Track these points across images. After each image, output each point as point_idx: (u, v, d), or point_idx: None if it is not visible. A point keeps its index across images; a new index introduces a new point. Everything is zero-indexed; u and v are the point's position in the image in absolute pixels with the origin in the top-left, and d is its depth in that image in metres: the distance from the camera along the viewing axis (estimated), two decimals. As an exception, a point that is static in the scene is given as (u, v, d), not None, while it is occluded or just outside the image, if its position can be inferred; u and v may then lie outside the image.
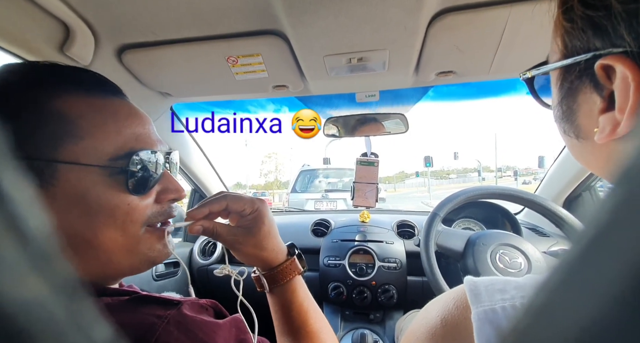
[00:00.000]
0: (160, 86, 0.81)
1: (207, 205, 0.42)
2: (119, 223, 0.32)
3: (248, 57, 0.70)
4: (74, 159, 0.30)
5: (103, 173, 0.31)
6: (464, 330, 0.26)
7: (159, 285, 1.06)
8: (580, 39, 0.22)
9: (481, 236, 0.85)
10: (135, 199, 0.33)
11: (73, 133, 0.30)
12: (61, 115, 0.30)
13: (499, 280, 0.27)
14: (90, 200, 0.30)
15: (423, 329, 0.30)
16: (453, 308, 0.28)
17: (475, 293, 0.26)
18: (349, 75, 0.77)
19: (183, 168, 1.15)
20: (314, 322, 0.45)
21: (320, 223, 1.27)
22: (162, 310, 0.30)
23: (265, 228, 0.43)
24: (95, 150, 0.31)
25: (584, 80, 0.22)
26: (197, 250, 1.26)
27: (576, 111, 0.24)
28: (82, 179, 0.30)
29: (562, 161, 1.04)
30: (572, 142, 0.26)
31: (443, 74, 0.78)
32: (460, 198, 0.88)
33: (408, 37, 0.63)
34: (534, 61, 0.77)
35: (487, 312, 0.25)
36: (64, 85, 0.32)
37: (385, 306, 1.06)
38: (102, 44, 0.63)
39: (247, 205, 0.43)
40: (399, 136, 1.09)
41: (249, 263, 0.45)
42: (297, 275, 0.46)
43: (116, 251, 0.32)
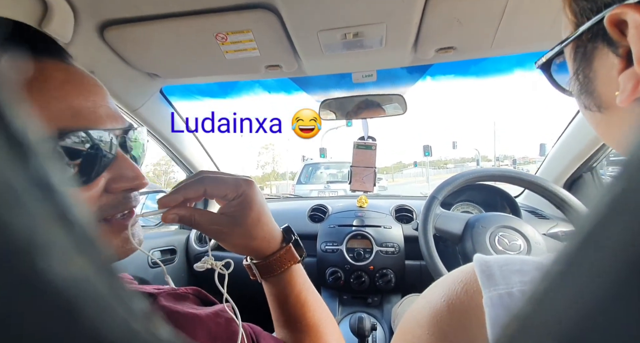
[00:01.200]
0: (147, 66, 0.77)
1: (181, 190, 0.35)
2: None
3: (238, 34, 0.67)
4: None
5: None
6: (473, 317, 0.23)
7: (156, 272, 1.06)
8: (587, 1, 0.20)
9: (480, 219, 0.84)
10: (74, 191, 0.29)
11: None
12: None
13: (515, 259, 0.24)
14: None
15: (426, 314, 0.27)
16: (461, 292, 0.25)
17: (487, 275, 0.23)
18: (344, 52, 0.74)
19: (175, 154, 1.12)
20: (312, 314, 0.41)
21: (317, 208, 1.26)
22: None
23: (254, 215, 0.37)
24: None
25: (598, 43, 0.21)
26: (193, 237, 1.25)
27: (593, 79, 0.22)
28: None
29: (563, 143, 1.01)
30: (594, 117, 0.24)
31: (443, 50, 0.75)
32: (459, 180, 0.86)
33: (406, 9, 0.59)
34: (538, 34, 0.73)
35: (503, 296, 0.22)
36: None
37: (383, 290, 1.06)
38: (82, 19, 0.60)
39: (230, 189, 0.36)
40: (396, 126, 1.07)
41: (239, 253, 0.40)
42: (294, 264, 0.41)
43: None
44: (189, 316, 0.28)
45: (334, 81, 1.04)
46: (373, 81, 0.91)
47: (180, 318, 0.27)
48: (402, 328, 0.30)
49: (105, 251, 0.08)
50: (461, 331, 0.24)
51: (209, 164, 1.27)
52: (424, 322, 0.27)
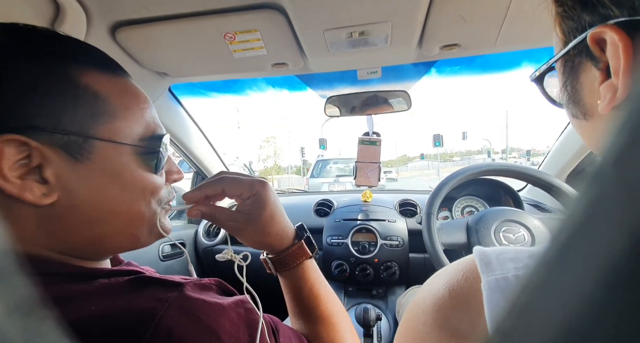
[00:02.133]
0: (157, 66, 0.79)
1: (203, 188, 0.40)
2: (147, 199, 0.34)
3: (245, 33, 0.68)
4: (110, 137, 0.31)
5: (135, 152, 0.33)
6: (473, 301, 0.25)
7: (166, 265, 1.09)
8: (573, 19, 0.23)
9: (480, 220, 0.84)
10: (157, 178, 0.35)
11: (107, 111, 0.31)
12: (94, 93, 0.30)
13: (510, 249, 0.27)
14: (125, 177, 0.32)
15: (429, 301, 0.29)
16: (462, 279, 0.27)
17: (485, 262, 0.26)
18: (350, 50, 0.75)
19: (185, 151, 1.14)
20: (325, 306, 0.43)
21: (322, 203, 1.28)
22: (163, 292, 0.28)
23: (267, 213, 0.40)
24: (128, 130, 0.32)
25: (583, 59, 0.23)
26: (201, 232, 1.28)
27: (580, 90, 0.25)
28: (118, 157, 0.31)
29: (565, 137, 1.02)
30: (581, 124, 0.26)
31: (447, 47, 0.75)
32: (447, 186, 0.86)
33: (411, 8, 0.60)
34: (542, 33, 0.74)
35: (499, 280, 0.24)
36: (83, 60, 0.31)
37: (387, 282, 1.09)
38: (95, 21, 0.61)
39: (245, 189, 0.40)
40: (401, 118, 1.08)
41: (254, 248, 0.43)
42: (306, 259, 0.44)
43: (141, 226, 0.34)
44: (213, 305, 0.29)
45: (338, 77, 1.05)
46: (378, 77, 0.92)
47: (205, 307, 0.29)
48: (408, 315, 0.32)
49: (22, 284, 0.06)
50: (462, 315, 0.26)
51: (216, 161, 1.29)
52: (428, 308, 0.29)
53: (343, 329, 0.44)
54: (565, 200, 0.81)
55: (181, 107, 1.06)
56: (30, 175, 0.27)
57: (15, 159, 0.26)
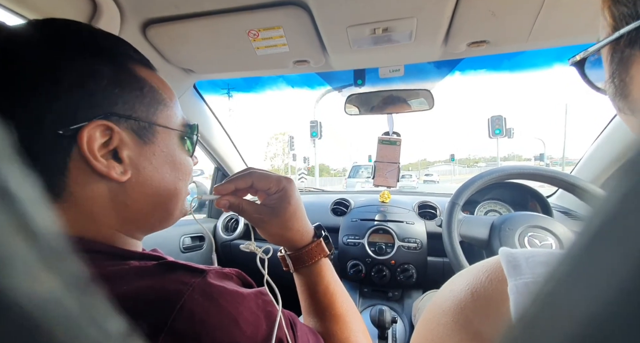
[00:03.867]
0: (183, 62, 0.82)
1: (234, 181, 0.43)
2: (187, 179, 0.39)
3: (269, 31, 0.69)
4: (166, 123, 0.36)
5: (180, 137, 0.38)
6: (496, 304, 0.24)
7: (186, 256, 1.12)
8: (627, 5, 0.20)
9: (506, 221, 0.82)
10: (191, 161, 0.40)
11: (161, 101, 0.36)
12: (150, 84, 0.35)
13: (541, 252, 0.25)
14: (176, 158, 0.37)
15: (450, 303, 0.28)
16: (486, 281, 0.26)
17: (514, 265, 0.24)
18: (372, 47, 0.74)
19: (207, 147, 1.18)
20: (340, 305, 0.44)
21: (340, 202, 1.27)
22: (188, 277, 0.29)
23: (291, 209, 0.43)
24: (174, 118, 0.37)
25: (635, 50, 0.21)
26: (220, 226, 1.31)
27: (629, 83, 0.22)
28: (171, 140, 0.36)
29: (602, 141, 0.96)
30: (629, 120, 0.24)
31: (475, 44, 0.72)
32: (477, 183, 0.84)
33: (438, 2, 0.59)
34: (578, 27, 0.70)
35: (529, 284, 0.22)
36: (135, 57, 0.35)
37: (404, 285, 1.07)
38: (128, 18, 0.64)
39: (273, 184, 0.43)
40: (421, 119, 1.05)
41: (274, 243, 0.45)
42: (323, 257, 0.45)
43: (179, 202, 0.38)
44: (234, 293, 0.30)
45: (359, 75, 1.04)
46: (400, 75, 0.90)
47: (226, 294, 0.30)
48: (427, 316, 0.31)
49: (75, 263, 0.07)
50: (485, 318, 0.25)
51: (237, 158, 1.32)
52: (448, 309, 0.28)
53: (356, 328, 0.44)
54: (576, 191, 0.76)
55: (205, 104, 1.09)
56: (109, 155, 0.31)
57: (101, 142, 0.30)
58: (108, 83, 0.31)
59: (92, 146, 0.29)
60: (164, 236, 1.07)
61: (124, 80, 0.32)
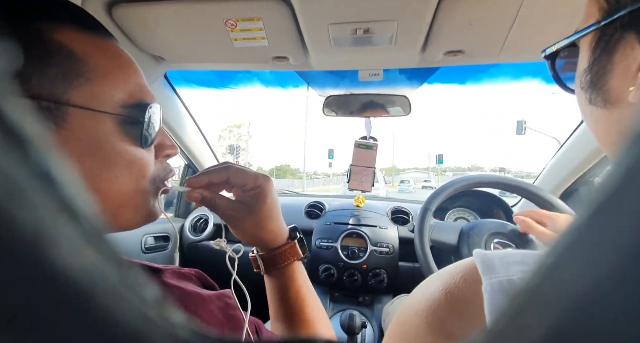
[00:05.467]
0: (153, 48, 0.77)
1: (208, 174, 0.39)
2: (133, 176, 0.31)
3: (248, 22, 0.66)
4: (86, 104, 0.27)
5: (116, 121, 0.29)
6: (471, 305, 0.24)
7: (148, 257, 1.05)
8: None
9: (474, 227, 0.84)
10: (145, 153, 0.32)
11: (83, 73, 0.27)
12: (68, 51, 0.27)
13: (516, 252, 0.25)
14: (106, 150, 0.29)
15: (424, 304, 0.27)
16: (460, 281, 0.26)
17: (488, 264, 0.24)
18: (353, 48, 0.73)
19: (176, 141, 1.11)
20: (310, 310, 0.42)
21: (314, 205, 1.25)
22: None
23: (267, 207, 0.40)
24: (106, 95, 0.29)
25: (626, 35, 0.20)
26: (188, 226, 1.24)
27: (609, 72, 0.22)
28: (96, 126, 0.28)
29: (562, 154, 1.02)
30: (596, 113, 0.24)
31: (451, 53, 0.75)
32: (449, 189, 0.87)
33: (419, 8, 0.59)
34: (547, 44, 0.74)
35: (503, 282, 0.22)
36: (61, 16, 0.28)
37: (375, 289, 1.06)
38: (91, -6, 0.59)
39: (250, 180, 0.40)
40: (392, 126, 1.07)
41: (247, 242, 0.42)
42: (296, 260, 0.44)
43: (125, 205, 0.31)
44: (192, 294, 0.28)
45: (339, 78, 1.03)
46: (379, 80, 0.90)
47: (183, 295, 0.27)
48: (399, 319, 0.30)
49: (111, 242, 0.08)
50: (458, 319, 0.25)
51: (209, 154, 1.26)
52: (421, 311, 0.27)
53: (325, 334, 0.43)
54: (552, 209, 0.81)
55: (176, 96, 1.03)
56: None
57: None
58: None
59: None
60: (123, 235, 0.99)
61: (24, 45, 0.25)
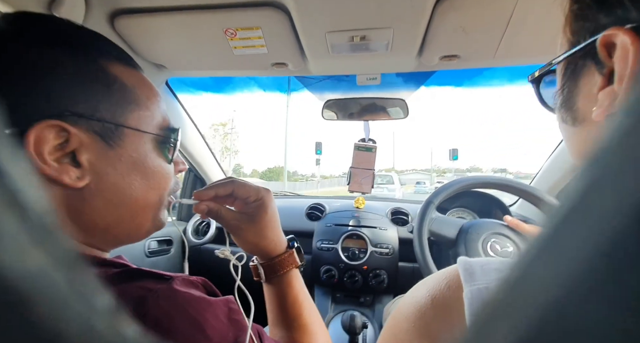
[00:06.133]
0: (155, 57, 0.78)
1: (214, 188, 0.43)
2: (161, 188, 0.36)
3: (247, 31, 0.67)
4: (137, 126, 0.33)
5: (155, 141, 0.35)
6: (455, 311, 0.25)
7: (151, 261, 1.06)
8: (587, 19, 0.22)
9: (474, 225, 0.86)
10: (171, 168, 0.37)
11: (132, 100, 0.33)
12: (123, 83, 0.32)
13: (495, 260, 0.26)
14: (148, 165, 0.34)
15: (412, 309, 0.29)
16: (445, 288, 0.27)
17: (469, 272, 0.25)
18: (350, 54, 0.75)
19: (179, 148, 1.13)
20: (307, 315, 0.45)
21: (315, 207, 1.27)
22: (153, 283, 0.29)
23: (267, 217, 0.44)
24: (150, 119, 0.34)
25: (587, 62, 0.23)
26: (190, 229, 1.26)
27: (576, 94, 0.24)
28: (142, 145, 0.33)
29: (557, 155, 1.04)
30: (568, 130, 0.26)
31: (447, 58, 0.76)
32: (455, 186, 0.88)
33: (414, 16, 0.61)
34: (540, 48, 0.75)
35: (481, 290, 0.24)
36: (109, 52, 0.33)
37: (375, 290, 1.08)
38: (93, 5, 0.60)
39: (253, 192, 0.44)
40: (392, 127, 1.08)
41: (248, 251, 0.46)
42: (294, 268, 0.47)
43: (150, 214, 0.35)
44: (200, 299, 0.30)
45: (337, 82, 1.05)
46: (377, 84, 0.92)
47: (193, 301, 0.29)
48: (391, 322, 0.32)
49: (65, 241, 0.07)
50: (443, 323, 0.26)
51: (210, 159, 1.27)
52: (410, 315, 0.29)
53: (322, 339, 0.45)
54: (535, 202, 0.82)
55: (178, 103, 1.04)
56: (65, 159, 0.29)
57: (54, 144, 0.27)
58: (69, 78, 0.28)
59: (40, 148, 0.27)
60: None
61: (89, 76, 0.30)
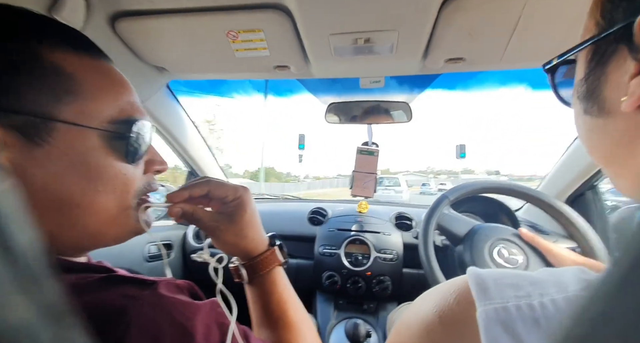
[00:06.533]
0: (156, 60, 0.77)
1: (188, 189, 0.40)
2: (117, 192, 0.31)
3: (249, 33, 0.66)
4: (74, 119, 0.28)
5: (103, 137, 0.30)
6: (466, 329, 0.23)
7: (151, 266, 1.05)
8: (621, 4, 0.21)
9: (485, 228, 0.84)
10: (131, 168, 0.33)
11: (72, 90, 0.28)
12: (59, 69, 0.28)
13: (510, 274, 0.24)
14: (90, 165, 0.29)
15: (419, 324, 0.27)
16: (453, 303, 0.25)
17: (482, 288, 0.23)
18: (354, 57, 0.74)
19: (179, 150, 1.12)
20: (293, 312, 0.43)
21: (316, 211, 1.25)
22: (136, 289, 0.27)
23: (247, 216, 0.42)
24: (95, 112, 0.30)
25: (620, 46, 0.21)
26: (190, 234, 1.24)
27: (603, 82, 0.23)
28: (82, 142, 0.29)
29: (566, 159, 1.01)
30: (591, 122, 0.24)
31: (452, 61, 0.75)
32: (476, 187, 0.86)
33: (419, 18, 0.60)
34: (548, 51, 0.74)
35: (498, 310, 0.21)
36: (55, 38, 0.29)
37: (379, 297, 1.06)
38: (95, 8, 0.59)
39: (230, 192, 0.42)
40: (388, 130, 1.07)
41: (228, 252, 0.44)
42: (278, 265, 0.45)
43: (108, 221, 0.31)
44: (186, 304, 0.29)
45: (341, 85, 1.04)
46: (381, 87, 0.91)
47: (179, 306, 0.28)
48: (394, 338, 0.30)
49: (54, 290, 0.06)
50: (453, 341, 0.24)
51: (212, 161, 1.26)
52: (415, 332, 0.27)
53: (309, 336, 0.44)
54: (564, 222, 0.80)
55: (179, 105, 1.04)
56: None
57: None
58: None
59: None
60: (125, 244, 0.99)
61: (13, 64, 0.26)
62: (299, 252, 1.15)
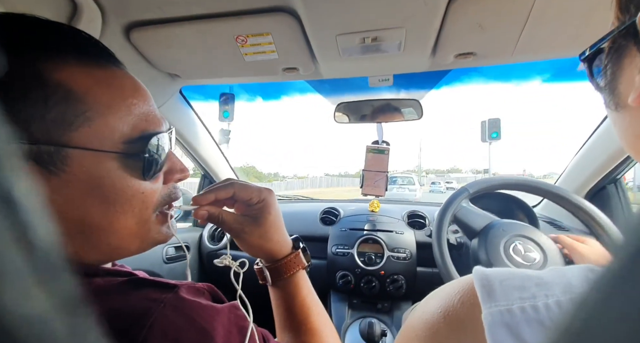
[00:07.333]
0: (169, 67, 0.80)
1: (214, 191, 0.41)
2: (135, 211, 0.31)
3: (257, 37, 0.68)
4: (87, 144, 0.27)
5: (118, 159, 0.29)
6: (471, 330, 0.23)
7: (169, 267, 1.08)
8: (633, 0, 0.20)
9: (502, 224, 0.82)
10: (149, 185, 0.32)
11: (82, 112, 0.27)
12: (67, 91, 0.26)
13: (516, 274, 0.23)
14: (107, 188, 0.28)
15: (423, 325, 0.27)
16: (458, 303, 0.25)
17: (488, 290, 0.23)
18: (361, 56, 0.74)
19: (193, 154, 1.14)
20: (316, 318, 0.43)
21: (329, 211, 1.25)
22: (159, 293, 0.28)
23: (271, 219, 0.42)
24: (108, 132, 0.28)
25: (630, 42, 0.21)
26: (206, 235, 1.27)
27: (618, 76, 0.22)
28: (97, 166, 0.28)
29: (585, 152, 0.98)
30: (612, 115, 0.25)
31: (462, 56, 0.73)
32: (497, 183, 0.85)
33: (427, 14, 0.59)
34: (562, 42, 0.72)
35: (503, 313, 0.21)
36: (60, 50, 0.27)
37: (393, 296, 1.05)
38: (110, 20, 0.62)
39: (255, 194, 0.42)
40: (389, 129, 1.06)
41: (253, 254, 0.44)
42: (301, 269, 0.45)
43: (129, 237, 0.32)
44: (207, 307, 0.29)
45: (349, 84, 1.04)
46: (389, 85, 0.90)
47: (200, 309, 0.28)
48: (402, 339, 0.30)
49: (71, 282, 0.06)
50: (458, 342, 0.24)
51: (225, 165, 1.29)
52: (420, 334, 0.27)
53: (332, 342, 0.43)
54: (584, 217, 0.77)
55: (192, 110, 1.06)
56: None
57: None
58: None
59: None
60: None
61: (19, 87, 0.24)
62: (312, 252, 1.14)
